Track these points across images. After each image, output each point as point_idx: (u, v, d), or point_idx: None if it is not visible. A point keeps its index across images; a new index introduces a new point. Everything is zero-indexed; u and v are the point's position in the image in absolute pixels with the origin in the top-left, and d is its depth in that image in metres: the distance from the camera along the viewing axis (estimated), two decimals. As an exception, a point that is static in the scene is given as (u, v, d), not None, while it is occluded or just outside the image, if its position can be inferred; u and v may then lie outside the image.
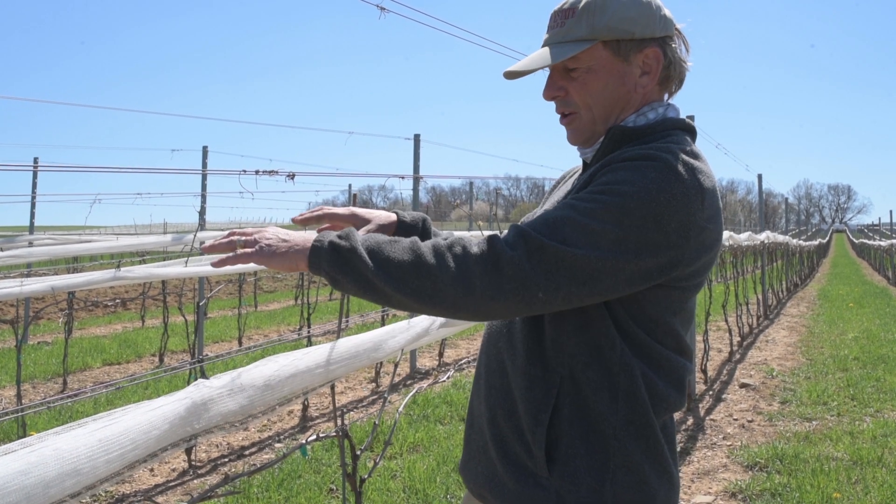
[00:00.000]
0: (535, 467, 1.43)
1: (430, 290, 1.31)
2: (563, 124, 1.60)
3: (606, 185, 1.36)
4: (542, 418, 1.42)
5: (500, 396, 1.51)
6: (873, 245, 33.46)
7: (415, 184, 8.20)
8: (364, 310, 13.98)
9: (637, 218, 1.31)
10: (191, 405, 1.58)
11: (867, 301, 16.48)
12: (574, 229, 1.31)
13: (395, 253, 1.32)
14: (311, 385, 2.08)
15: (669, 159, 1.37)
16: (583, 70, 1.51)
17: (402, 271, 1.31)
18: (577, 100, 1.53)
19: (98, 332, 12.15)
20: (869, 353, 9.26)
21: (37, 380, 8.19)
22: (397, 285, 1.31)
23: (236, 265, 1.40)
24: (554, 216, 1.34)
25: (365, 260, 1.32)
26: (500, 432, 1.50)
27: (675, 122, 1.53)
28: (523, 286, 1.29)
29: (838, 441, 5.56)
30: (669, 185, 1.34)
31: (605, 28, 1.47)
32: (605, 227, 1.31)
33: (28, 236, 10.89)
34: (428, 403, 6.60)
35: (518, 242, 1.31)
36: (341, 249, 1.33)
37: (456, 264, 1.31)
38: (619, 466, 1.40)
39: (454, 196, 64.86)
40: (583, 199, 1.36)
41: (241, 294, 12.77)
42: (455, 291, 1.30)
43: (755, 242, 11.84)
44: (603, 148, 1.53)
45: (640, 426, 1.42)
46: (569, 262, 1.29)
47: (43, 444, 1.27)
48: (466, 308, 1.32)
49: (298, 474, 4.82)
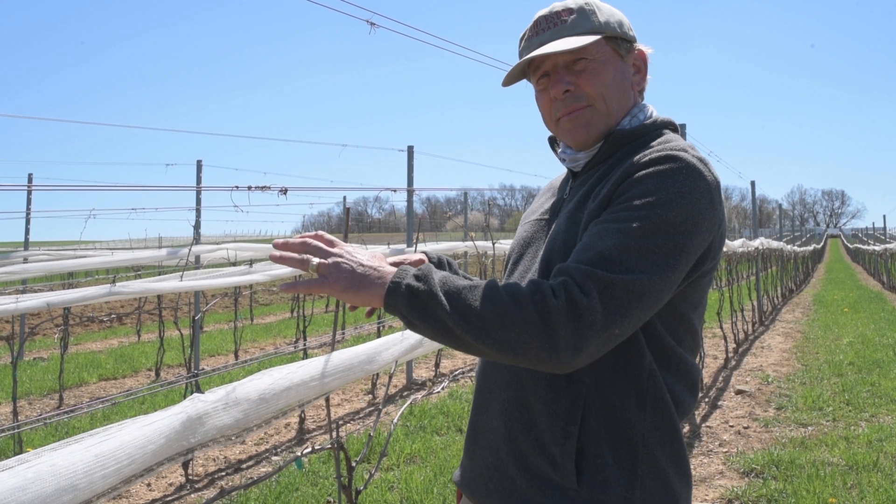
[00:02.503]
0: (561, 479, 1.40)
1: (513, 342, 1.25)
2: (571, 120, 1.55)
3: (643, 199, 1.35)
4: (571, 430, 1.39)
5: (516, 410, 1.48)
6: (868, 250, 33.53)
7: (409, 196, 8.23)
8: (359, 322, 13.98)
9: (680, 224, 1.33)
10: (186, 419, 1.59)
11: (862, 306, 16.52)
12: (632, 255, 1.30)
13: (476, 300, 1.27)
14: (307, 398, 2.09)
15: (688, 158, 1.41)
16: (591, 61, 1.53)
17: (484, 321, 1.26)
18: (591, 90, 1.53)
19: (94, 348, 12.14)
20: (864, 358, 9.29)
21: (33, 396, 8.17)
22: (479, 335, 1.26)
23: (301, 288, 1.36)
24: (607, 247, 1.31)
25: (444, 306, 1.27)
26: (519, 447, 1.46)
27: (664, 121, 1.59)
28: (603, 328, 1.26)
29: (834, 446, 5.58)
30: (697, 184, 1.38)
31: (606, 24, 1.54)
32: (657, 244, 1.32)
33: (23, 252, 10.86)
34: (424, 414, 6.61)
35: (588, 285, 1.27)
36: (419, 293, 1.28)
37: (539, 315, 1.25)
38: (647, 473, 1.40)
39: (449, 206, 64.78)
40: (626, 220, 1.34)
41: (237, 307, 12.76)
42: (540, 343, 1.25)
43: (750, 249, 11.88)
44: (601, 152, 1.55)
45: (666, 431, 1.43)
46: (637, 290, 1.29)
47: (39, 460, 1.28)
48: (550, 361, 1.27)
49: (295, 487, 4.82)
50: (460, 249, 12.20)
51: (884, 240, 31.55)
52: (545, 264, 1.49)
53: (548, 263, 1.48)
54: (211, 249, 8.79)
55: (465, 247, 12.02)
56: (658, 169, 1.39)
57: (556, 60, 1.55)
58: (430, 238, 17.91)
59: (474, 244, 8.12)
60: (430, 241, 13.78)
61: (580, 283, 1.27)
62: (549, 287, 1.27)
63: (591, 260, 1.30)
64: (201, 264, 8.33)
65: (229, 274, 7.33)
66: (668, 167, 1.38)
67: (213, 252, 8.80)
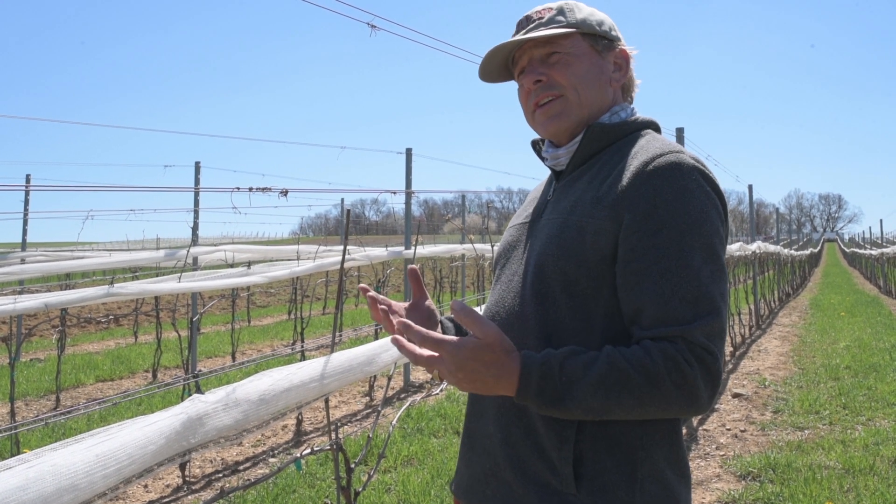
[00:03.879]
0: (560, 485, 1.39)
1: (654, 413, 1.33)
2: (543, 112, 1.57)
3: (680, 223, 1.37)
4: (567, 435, 1.39)
5: (512, 416, 1.46)
6: (864, 254, 33.61)
7: (407, 198, 8.23)
8: (357, 324, 13.98)
9: (713, 230, 1.40)
10: (186, 420, 1.60)
11: (859, 310, 16.55)
12: (712, 292, 1.35)
13: (610, 392, 1.30)
14: (306, 399, 2.10)
15: (689, 160, 1.44)
16: (564, 54, 1.56)
17: (623, 408, 1.31)
18: (562, 80, 1.55)
19: (91, 349, 12.12)
20: (860, 362, 9.31)
21: (30, 397, 8.16)
22: (619, 417, 1.34)
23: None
24: (692, 294, 1.34)
25: (579, 408, 1.31)
26: (517, 453, 1.45)
27: (645, 120, 1.61)
28: (722, 369, 1.36)
29: (830, 450, 5.59)
30: (705, 185, 1.43)
31: (582, 21, 1.58)
32: (714, 269, 1.38)
33: (20, 253, 10.87)
34: (422, 416, 6.61)
35: (704, 342, 1.32)
36: (550, 403, 1.32)
37: (678, 389, 1.31)
38: (646, 476, 1.40)
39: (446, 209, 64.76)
40: (684, 249, 1.36)
41: (235, 309, 12.76)
42: (680, 409, 1.33)
43: (746, 253, 11.90)
44: (582, 148, 1.56)
45: (666, 433, 1.43)
46: (725, 319, 1.38)
47: (40, 460, 1.28)
48: (693, 415, 1.39)
49: (293, 489, 4.81)
50: (458, 252, 12.22)
51: (880, 244, 31.60)
52: (538, 269, 1.47)
53: (541, 269, 1.47)
54: (209, 251, 8.79)
55: (462, 249, 12.03)
56: (668, 175, 1.40)
57: (532, 54, 1.58)
58: (427, 240, 17.91)
59: (473, 246, 8.13)
60: (427, 243, 13.78)
61: (701, 343, 1.32)
62: (679, 356, 1.31)
63: (690, 314, 1.34)
64: (199, 266, 8.33)
65: (227, 275, 7.34)
66: (676, 173, 1.40)
67: (210, 253, 8.81)
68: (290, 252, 9.66)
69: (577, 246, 1.43)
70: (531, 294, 1.47)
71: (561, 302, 1.43)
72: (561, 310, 1.43)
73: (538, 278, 1.47)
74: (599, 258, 1.41)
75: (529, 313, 1.47)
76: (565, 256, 1.43)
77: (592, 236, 1.42)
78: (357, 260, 8.93)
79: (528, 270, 1.51)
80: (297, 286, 13.26)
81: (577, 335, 1.41)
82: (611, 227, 1.41)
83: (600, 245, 1.41)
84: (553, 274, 1.44)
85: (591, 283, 1.41)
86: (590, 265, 1.41)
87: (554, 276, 1.44)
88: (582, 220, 1.45)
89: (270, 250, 11.15)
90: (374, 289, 8.71)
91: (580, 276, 1.42)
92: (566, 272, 1.43)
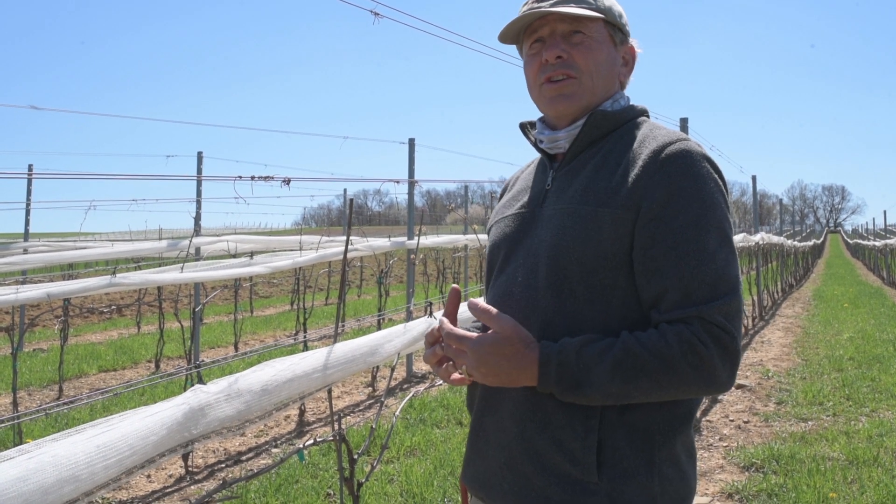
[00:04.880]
0: (581, 474, 1.40)
1: (674, 394, 1.39)
2: (555, 89, 1.56)
3: (695, 209, 1.41)
4: (591, 424, 1.41)
5: (528, 410, 1.46)
6: (868, 245, 33.54)
7: (410, 188, 8.21)
8: (360, 314, 13.98)
9: (723, 215, 1.44)
10: (188, 411, 1.58)
11: (862, 301, 16.52)
12: (729, 272, 1.40)
13: (627, 376, 1.34)
14: (309, 389, 2.09)
15: (696, 147, 1.48)
16: (588, 37, 1.55)
17: (642, 391, 1.35)
18: (582, 64, 1.55)
19: (94, 339, 12.13)
20: (864, 353, 9.29)
21: (32, 387, 8.17)
22: (640, 400, 1.38)
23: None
24: (709, 276, 1.38)
25: (598, 393, 1.35)
26: (534, 446, 1.45)
27: (642, 108, 1.64)
28: (739, 345, 1.40)
29: (834, 441, 5.58)
30: (712, 172, 1.47)
31: (609, 9, 1.58)
32: (728, 251, 1.42)
33: (23, 243, 10.87)
34: (424, 407, 6.61)
35: (721, 321, 1.36)
36: (570, 389, 1.36)
37: (695, 370, 1.35)
38: (664, 461, 1.43)
39: (449, 199, 64.75)
40: (700, 234, 1.40)
41: (237, 299, 12.75)
42: (700, 388, 1.38)
43: (750, 244, 11.87)
44: (584, 134, 1.55)
45: (683, 418, 1.46)
46: (742, 298, 1.42)
47: (41, 450, 1.27)
48: (715, 394, 1.47)
49: (296, 479, 4.81)
50: (461, 242, 12.20)
51: (884, 235, 31.53)
52: (553, 261, 1.46)
53: (556, 260, 1.46)
54: (211, 241, 8.78)
55: (465, 240, 12.01)
56: (680, 163, 1.44)
57: (555, 28, 1.56)
58: (430, 231, 17.89)
59: (476, 237, 8.11)
60: (430, 233, 13.76)
61: (718, 322, 1.36)
62: (694, 337, 1.35)
63: (708, 295, 1.37)
64: (201, 256, 8.33)
65: (229, 266, 7.34)
66: (687, 160, 1.45)
67: (213, 244, 8.80)
68: (293, 242, 9.66)
69: (594, 235, 1.44)
70: (546, 286, 1.46)
71: (579, 293, 1.44)
72: (579, 301, 1.44)
73: (553, 270, 1.46)
74: (618, 247, 1.43)
75: (544, 306, 1.46)
76: (582, 247, 1.43)
77: (610, 225, 1.43)
78: (360, 250, 8.92)
79: (540, 262, 1.49)
80: (299, 276, 13.26)
81: (595, 325, 1.42)
82: (627, 215, 1.43)
83: (619, 234, 1.43)
84: (570, 265, 1.44)
85: (609, 273, 1.43)
86: (608, 255, 1.43)
87: (571, 267, 1.44)
88: (598, 209, 1.45)
89: (273, 241, 11.14)
90: (377, 280, 8.71)
91: (598, 265, 1.43)
92: (583, 262, 1.43)
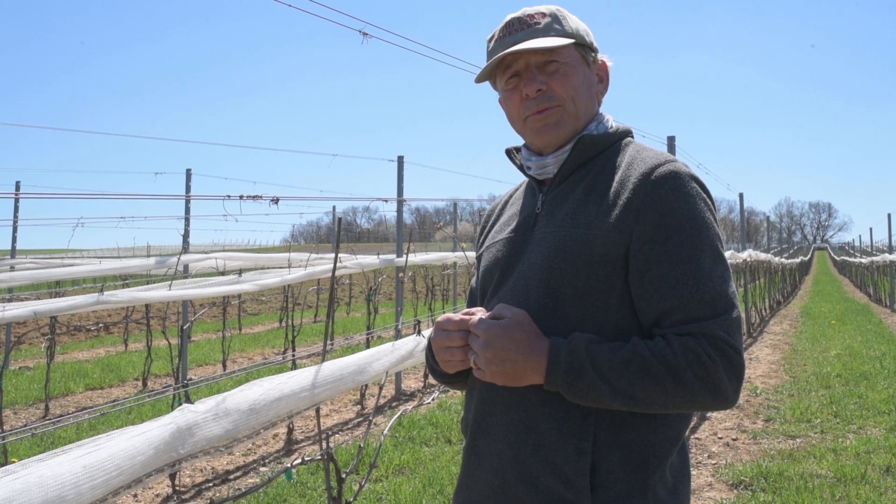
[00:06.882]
0: (574, 497, 1.40)
1: (679, 405, 1.39)
2: (540, 119, 1.57)
3: (689, 227, 1.43)
4: (584, 447, 1.41)
5: (521, 433, 1.47)
6: (854, 262, 33.77)
7: (399, 206, 8.23)
8: (349, 331, 13.95)
9: (715, 234, 1.47)
10: (176, 430, 1.58)
11: (849, 318, 16.62)
12: (726, 288, 1.41)
13: (635, 378, 1.35)
14: (297, 408, 2.08)
15: (684, 168, 1.50)
16: (562, 64, 1.56)
17: (647, 395, 1.36)
18: (562, 92, 1.56)
19: (80, 357, 12.04)
20: (851, 370, 9.33)
21: (18, 405, 8.10)
22: (643, 407, 1.38)
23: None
24: (713, 289, 1.40)
25: (604, 393, 1.36)
26: (528, 469, 1.45)
27: (625, 129, 1.65)
28: (744, 359, 1.41)
29: (822, 458, 5.60)
30: (701, 191, 1.49)
31: (576, 31, 1.59)
32: (722, 267, 1.44)
33: (10, 260, 10.79)
34: (413, 425, 6.58)
35: (725, 336, 1.37)
36: (577, 386, 1.37)
37: (701, 381, 1.36)
38: (657, 482, 1.43)
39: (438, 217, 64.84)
40: (695, 254, 1.42)
41: (226, 317, 12.69)
42: (704, 402, 1.38)
43: (737, 261, 11.93)
44: (572, 159, 1.56)
45: (675, 439, 1.47)
46: (739, 312, 1.43)
47: (27, 471, 1.27)
48: (720, 409, 1.44)
49: (284, 498, 4.78)
50: (450, 260, 12.20)
51: (870, 252, 31.77)
52: (544, 284, 1.47)
53: (547, 283, 1.46)
54: (200, 258, 8.75)
55: (454, 257, 12.01)
56: (670, 185, 1.46)
57: (529, 60, 1.57)
58: (419, 248, 17.90)
59: (465, 254, 8.12)
60: (419, 251, 13.77)
61: (721, 337, 1.37)
62: (702, 350, 1.36)
63: (709, 313, 1.39)
64: (190, 273, 8.30)
65: (218, 283, 7.30)
66: (677, 181, 1.46)
67: (201, 261, 8.76)
68: (282, 260, 9.64)
69: (585, 257, 1.45)
70: (538, 308, 1.47)
71: (571, 315, 1.45)
72: (571, 323, 1.44)
73: (545, 293, 1.47)
74: (610, 269, 1.44)
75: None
76: (574, 269, 1.44)
77: (602, 248, 1.44)
78: (349, 268, 8.91)
79: (531, 285, 1.50)
80: (288, 294, 13.21)
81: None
82: (620, 238, 1.44)
83: (611, 256, 1.44)
84: (562, 287, 1.45)
85: (601, 296, 1.44)
86: (599, 276, 1.44)
87: (563, 290, 1.45)
88: (589, 232, 1.46)
89: (262, 258, 11.10)
90: (366, 297, 8.69)
91: (590, 288, 1.44)
92: (575, 284, 1.44)
